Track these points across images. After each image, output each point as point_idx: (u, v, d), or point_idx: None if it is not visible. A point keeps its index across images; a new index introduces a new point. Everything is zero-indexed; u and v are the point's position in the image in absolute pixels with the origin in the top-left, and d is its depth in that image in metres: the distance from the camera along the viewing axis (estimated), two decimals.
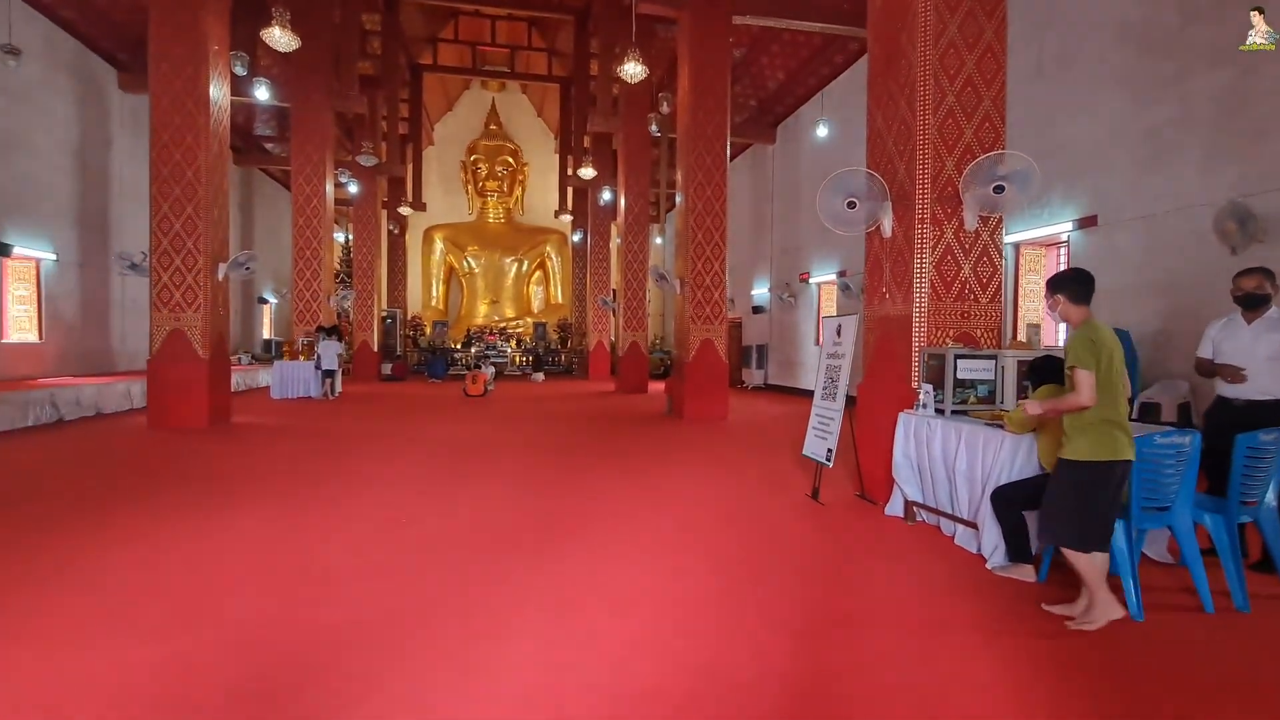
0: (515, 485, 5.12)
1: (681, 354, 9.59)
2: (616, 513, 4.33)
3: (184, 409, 8.03)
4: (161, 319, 8.04)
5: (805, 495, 4.84)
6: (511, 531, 3.89)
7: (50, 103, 11.01)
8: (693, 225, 9.44)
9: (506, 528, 3.97)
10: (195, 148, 8.06)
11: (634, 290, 14.71)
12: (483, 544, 3.63)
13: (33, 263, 10.76)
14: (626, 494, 4.86)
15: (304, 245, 13.39)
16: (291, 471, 5.60)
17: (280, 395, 12.14)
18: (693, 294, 9.46)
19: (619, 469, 5.82)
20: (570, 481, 5.30)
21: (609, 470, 5.76)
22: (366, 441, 7.31)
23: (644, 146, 14.62)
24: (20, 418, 7.87)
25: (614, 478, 5.43)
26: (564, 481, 5.30)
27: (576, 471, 5.70)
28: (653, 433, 8.31)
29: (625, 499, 4.71)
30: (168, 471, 5.54)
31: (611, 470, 5.75)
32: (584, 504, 4.56)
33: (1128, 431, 2.61)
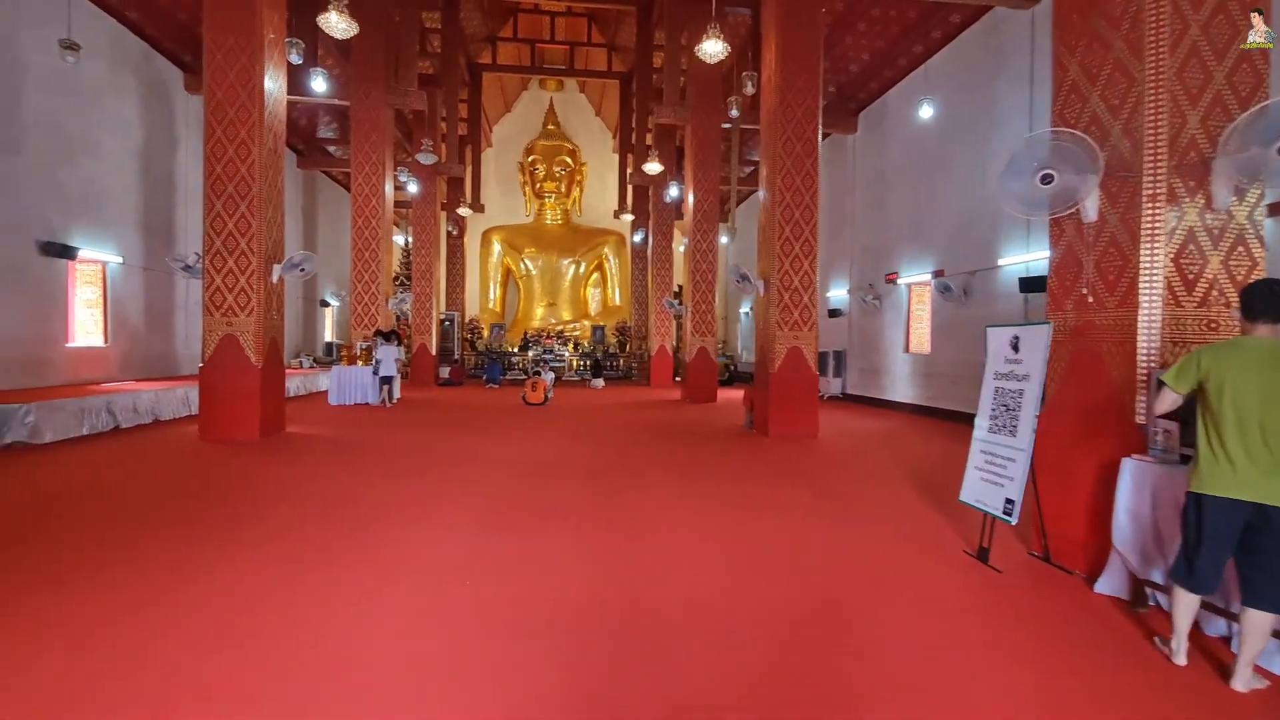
0: (590, 528, 4.25)
1: (765, 363, 8.58)
2: (730, 575, 3.40)
3: (235, 419, 7.55)
4: (214, 323, 7.59)
5: (964, 553, 3.79)
6: (593, 606, 3.00)
7: (116, 105, 10.91)
8: (779, 219, 8.42)
9: (583, 601, 3.09)
10: (249, 142, 7.58)
11: (702, 292, 13.76)
12: (550, 622, 2.76)
13: (99, 266, 10.65)
14: (736, 545, 3.92)
15: (363, 246, 13.01)
16: (335, 502, 4.89)
17: (338, 401, 11.74)
18: (779, 296, 8.43)
19: (715, 503, 4.87)
20: (658, 523, 4.39)
21: (703, 506, 4.82)
22: (422, 461, 6.61)
23: (714, 139, 13.66)
24: (75, 426, 7.56)
25: (712, 517, 4.49)
26: (650, 523, 4.39)
27: (664, 507, 4.79)
28: (739, 453, 7.33)
29: (736, 553, 3.76)
30: (200, 500, 4.92)
31: (707, 505, 4.82)
32: (683, 561, 3.64)
33: (1239, 467, 2.32)
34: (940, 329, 11.22)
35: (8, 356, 8.74)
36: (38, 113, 9.21)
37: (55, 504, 4.68)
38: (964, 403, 10.48)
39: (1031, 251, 8.97)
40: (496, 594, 3.10)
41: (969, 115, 10.44)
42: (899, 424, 10.38)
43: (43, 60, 9.17)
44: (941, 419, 10.86)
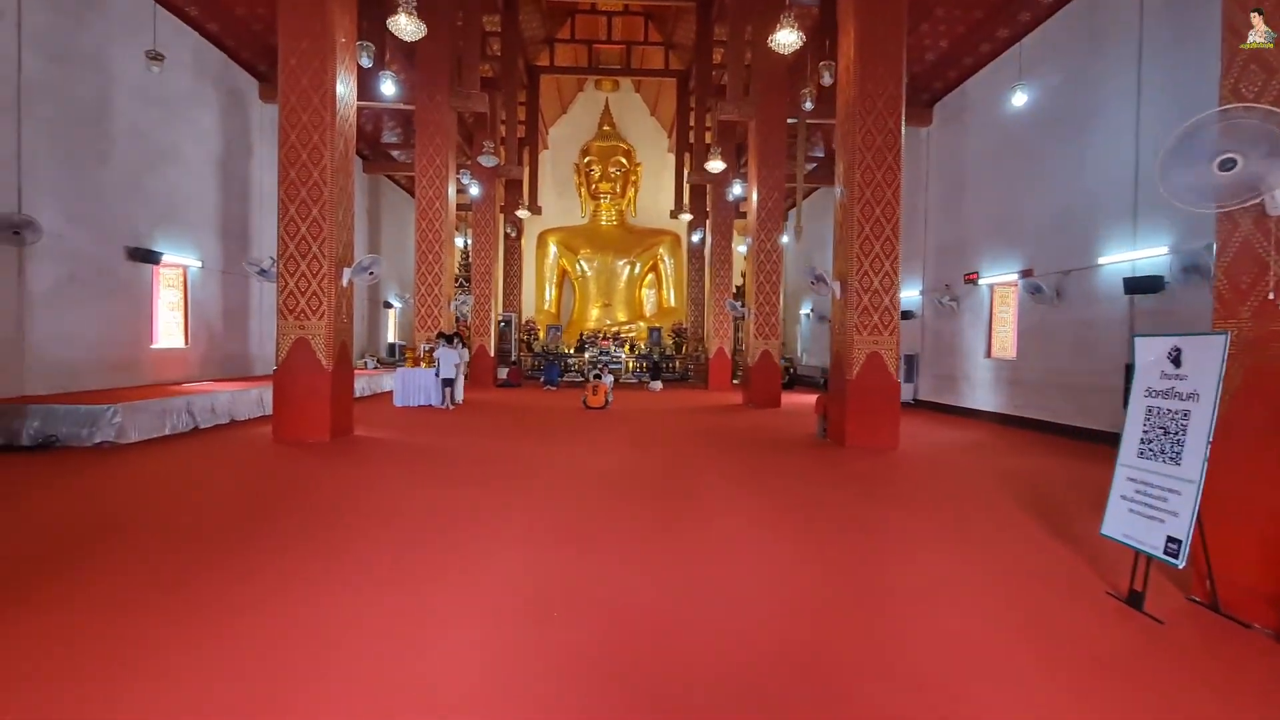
0: (666, 554, 3.94)
1: (842, 369, 8.10)
2: (825, 616, 3.03)
3: (306, 422, 7.61)
4: (286, 327, 7.67)
5: (1109, 595, 3.31)
6: (680, 653, 2.70)
7: (197, 114, 11.29)
8: (859, 217, 7.93)
9: (668, 649, 2.78)
10: (321, 146, 7.63)
11: (766, 293, 13.30)
12: (638, 668, 2.47)
13: (180, 270, 11.04)
14: (828, 579, 3.55)
15: (426, 249, 13.12)
16: (403, 514, 4.75)
17: (403, 403, 11.84)
18: (857, 299, 7.95)
19: (798, 524, 4.50)
20: (739, 549, 4.05)
21: (786, 528, 4.45)
22: (487, 469, 6.47)
23: (778, 135, 13.18)
24: (158, 426, 7.77)
25: (797, 541, 4.12)
26: (730, 548, 4.06)
27: (744, 529, 4.45)
28: (815, 466, 6.91)
29: (828, 589, 3.39)
30: (274, 509, 4.86)
31: (790, 527, 4.45)
32: (771, 597, 3.29)
33: None
34: (1028, 333, 10.44)
35: (99, 358, 9.11)
36: (125, 123, 9.58)
37: (134, 511, 4.70)
38: (1056, 413, 9.70)
39: (1139, 248, 8.18)
40: (573, 636, 2.83)
41: (1063, 102, 9.66)
42: (983, 435, 9.69)
43: (130, 72, 9.54)
44: (1030, 430, 10.09)
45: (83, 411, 7.04)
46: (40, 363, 8.13)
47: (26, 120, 7.95)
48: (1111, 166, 8.71)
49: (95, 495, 5.10)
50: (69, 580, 3.22)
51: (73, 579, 3.24)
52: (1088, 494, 5.64)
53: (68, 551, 3.65)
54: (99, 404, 7.14)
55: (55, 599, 3.00)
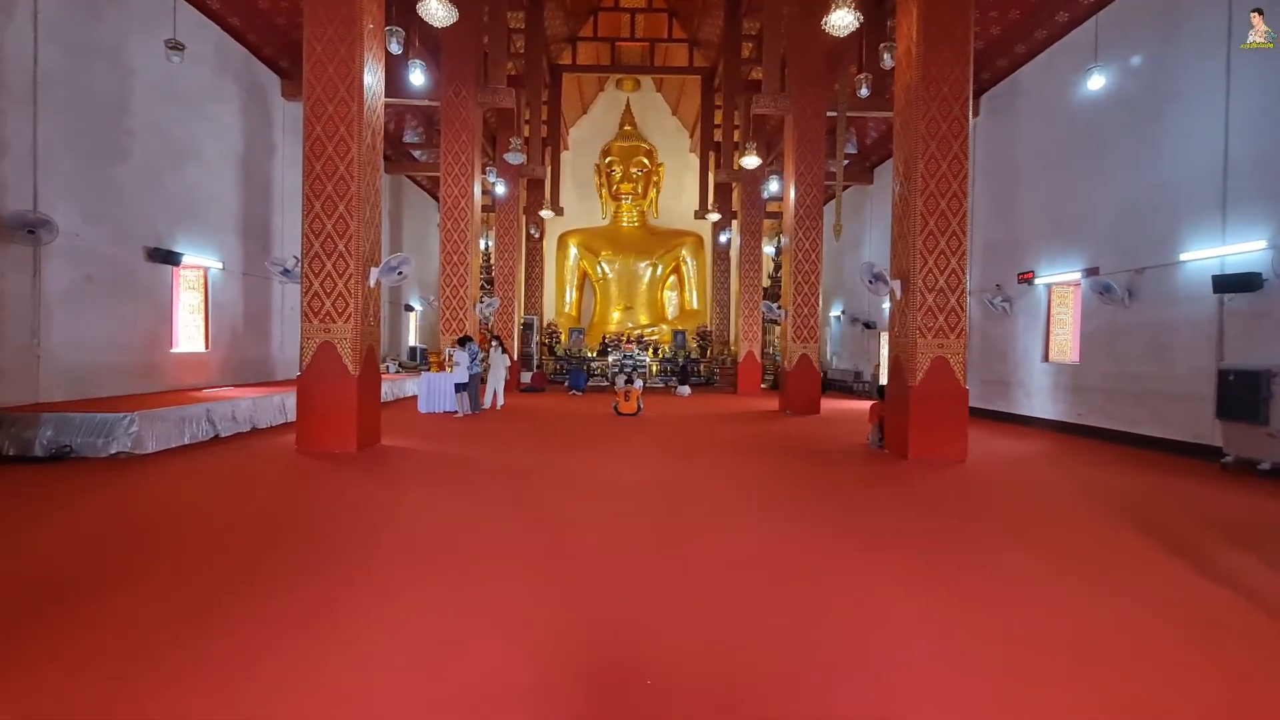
0: (750, 595, 3.39)
1: (903, 375, 7.51)
2: (965, 688, 2.47)
3: (332, 431, 7.17)
4: (312, 330, 7.23)
5: None
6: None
7: (218, 111, 10.96)
8: (921, 211, 7.34)
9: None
10: (348, 138, 7.19)
11: (805, 294, 12.71)
12: None
13: (201, 272, 10.69)
14: (947, 630, 2.98)
15: (451, 250, 12.70)
16: (439, 541, 4.25)
17: (427, 409, 11.41)
18: (921, 299, 7.35)
19: (888, 551, 3.93)
20: (844, 591, 3.48)
21: (876, 556, 3.89)
22: (526, 482, 5.96)
23: (817, 129, 12.60)
24: (177, 435, 7.36)
25: (896, 575, 3.55)
26: (834, 590, 3.49)
27: (827, 558, 3.89)
28: (886, 482, 6.32)
29: (951, 646, 2.83)
30: (300, 535, 4.38)
31: (879, 554, 3.88)
32: (913, 661, 2.73)
33: None
34: (1093, 336, 9.76)
35: (117, 363, 8.75)
36: (145, 119, 9.24)
37: (152, 536, 4.24)
38: (1128, 422, 9.01)
39: (1230, 243, 7.50)
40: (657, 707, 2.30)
41: (1135, 88, 8.99)
42: (1046, 445, 9.03)
43: (150, 66, 9.20)
44: (1096, 439, 9.40)
45: (98, 420, 6.65)
46: (56, 368, 7.77)
47: (43, 114, 7.60)
48: (1195, 155, 8.03)
49: (110, 515, 4.66)
50: (75, 617, 2.75)
51: (78, 618, 2.77)
52: (1206, 518, 5.01)
53: (76, 583, 3.19)
54: (115, 412, 6.74)
55: (61, 639, 2.52)
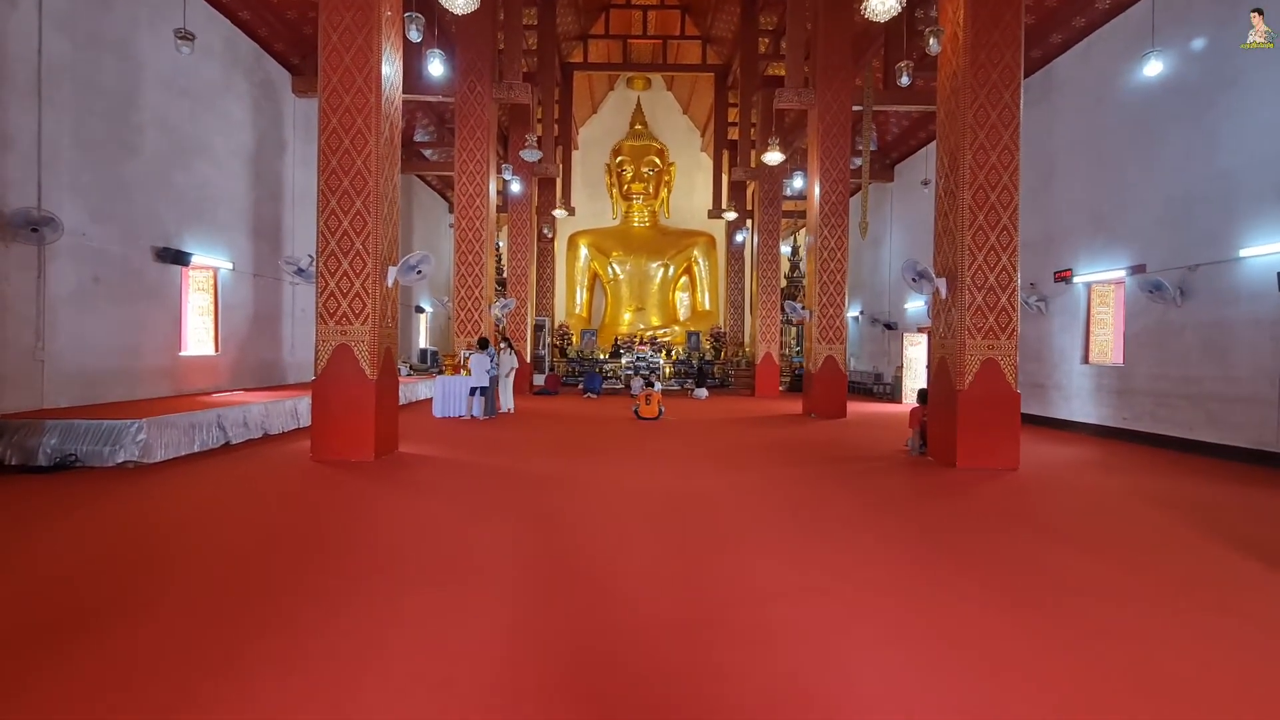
0: (817, 630, 3.00)
1: (948, 378, 7.10)
2: None
3: (349, 438, 6.81)
4: (327, 332, 6.88)
5: None
6: None
7: (229, 107, 10.65)
8: (970, 204, 6.94)
9: None
10: (365, 131, 6.85)
11: (830, 294, 12.31)
12: None
13: (210, 272, 10.38)
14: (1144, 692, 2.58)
15: (466, 249, 12.35)
16: (468, 563, 3.88)
17: (442, 413, 11.06)
18: (970, 298, 6.95)
19: (986, 579, 3.53)
20: (929, 625, 3.09)
21: (968, 583, 3.49)
22: (552, 492, 5.58)
23: (843, 123, 12.21)
24: (186, 443, 7.02)
25: (1005, 605, 3.16)
26: (919, 626, 3.10)
27: (918, 589, 3.49)
28: (940, 493, 5.92)
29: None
30: (320, 554, 4.02)
31: (967, 582, 3.49)
32: None
33: None
34: (1139, 336, 9.32)
35: (125, 367, 8.43)
36: (153, 114, 8.93)
37: (159, 555, 3.88)
38: (1181, 426, 8.57)
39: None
40: None
41: (1187, 76, 8.57)
42: (1097, 451, 8.60)
43: (159, 60, 8.89)
44: (1149, 445, 8.95)
45: (104, 427, 6.31)
46: (61, 373, 7.45)
47: (48, 108, 7.28)
48: (1256, 144, 7.60)
49: (113, 532, 4.31)
50: (64, 656, 2.39)
51: (65, 658, 2.41)
52: None
53: (69, 615, 2.82)
54: (122, 419, 6.40)
55: (62, 670, 2.16)
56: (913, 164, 16.86)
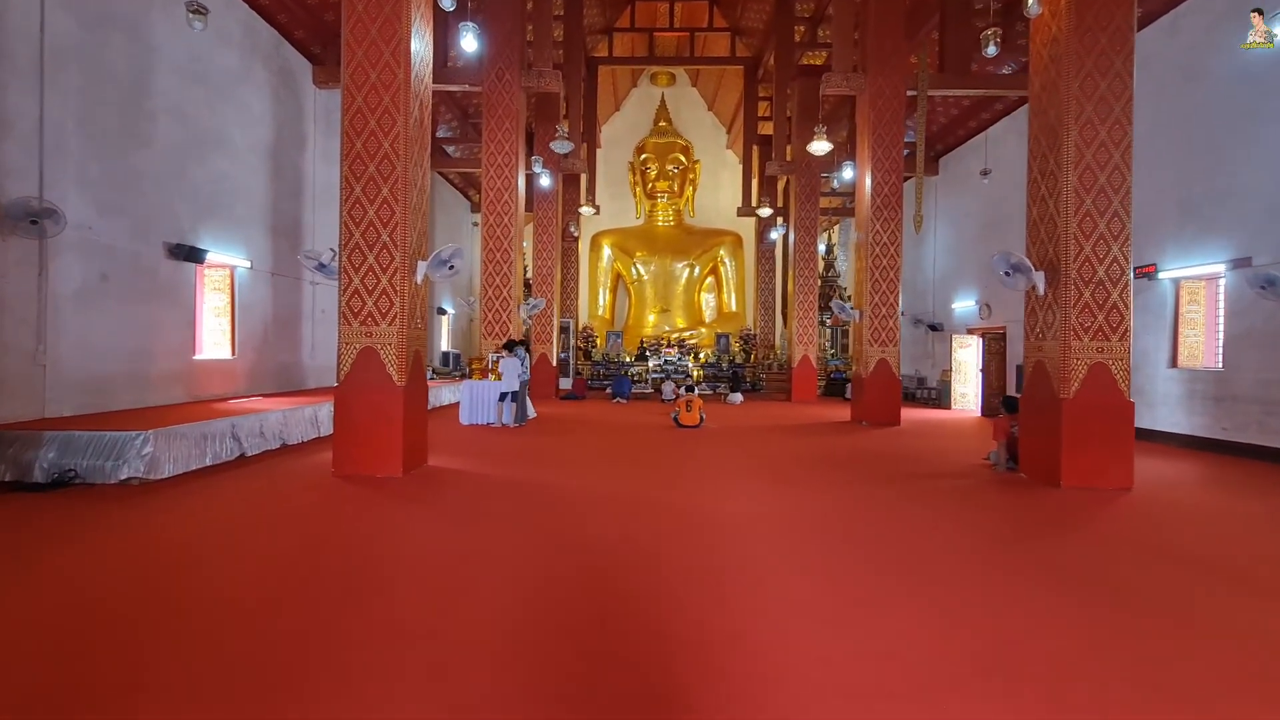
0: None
1: (1048, 384, 6.26)
2: None
3: (375, 451, 6.12)
4: (351, 334, 6.20)
5: None
6: None
7: (247, 97, 10.07)
8: (1077, 186, 6.10)
9: None
10: (393, 111, 6.17)
11: (883, 292, 11.47)
12: None
13: (227, 271, 9.80)
14: None
15: (494, 246, 11.68)
16: (526, 612, 3.14)
17: (470, 420, 10.38)
18: (1075, 294, 6.10)
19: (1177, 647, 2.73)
20: None
21: (1166, 661, 2.69)
22: (605, 517, 4.84)
23: (895, 109, 11.39)
24: (198, 456, 6.38)
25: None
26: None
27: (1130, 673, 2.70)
28: (1053, 521, 5.09)
29: None
30: (349, 588, 3.31)
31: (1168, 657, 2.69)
32: None
33: None
34: (1244, 338, 8.37)
35: (134, 372, 7.83)
36: (166, 102, 8.35)
37: (158, 596, 3.19)
38: None
39: None
40: None
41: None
42: (1203, 467, 7.67)
43: (172, 44, 8.32)
44: (1260, 460, 7.99)
45: (107, 439, 5.68)
46: (64, 379, 6.85)
47: (51, 91, 6.70)
48: None
49: (108, 563, 3.63)
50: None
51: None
52: None
53: (64, 656, 2.13)
54: (127, 430, 5.77)
55: None
56: (959, 156, 15.95)
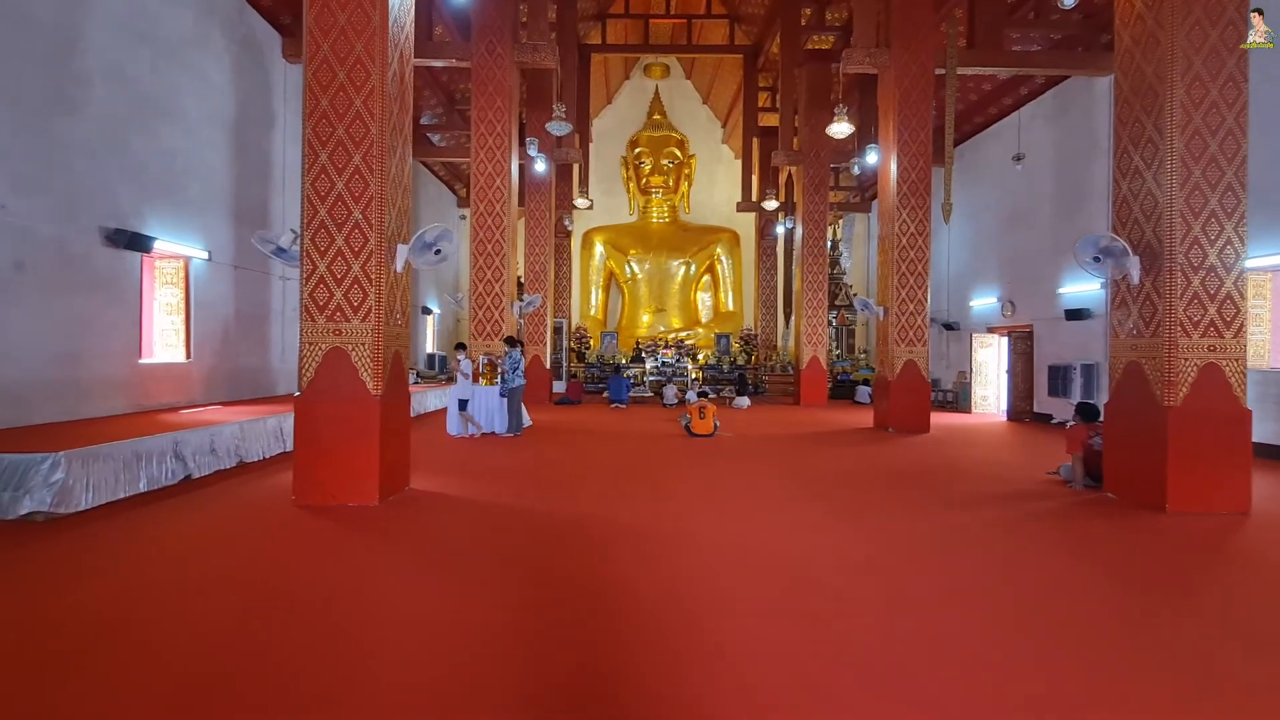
0: None
1: (1147, 389, 5.31)
2: None
3: (345, 476, 5.02)
4: (316, 332, 5.10)
5: None
6: None
7: (203, 64, 8.89)
8: (1183, 155, 5.15)
9: None
10: (367, 61, 5.09)
11: (910, 288, 10.54)
12: None
13: (180, 262, 8.61)
14: None
15: (485, 238, 10.57)
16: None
17: (458, 431, 9.27)
18: (1182, 281, 5.16)
19: None
20: None
21: None
22: (633, 558, 3.79)
23: (923, 89, 10.48)
24: (129, 481, 5.23)
25: None
26: None
27: None
28: (1187, 559, 4.13)
29: None
30: (297, 684, 2.23)
31: None
32: None
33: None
34: None
35: (62, 379, 6.65)
36: (104, 61, 7.18)
37: (40, 691, 2.09)
38: None
39: None
40: None
41: None
42: None
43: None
44: None
45: (5, 464, 4.53)
46: None
47: None
48: None
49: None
50: None
51: None
52: None
53: None
54: (33, 451, 4.62)
55: None
56: (977, 145, 15.10)
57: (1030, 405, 12.71)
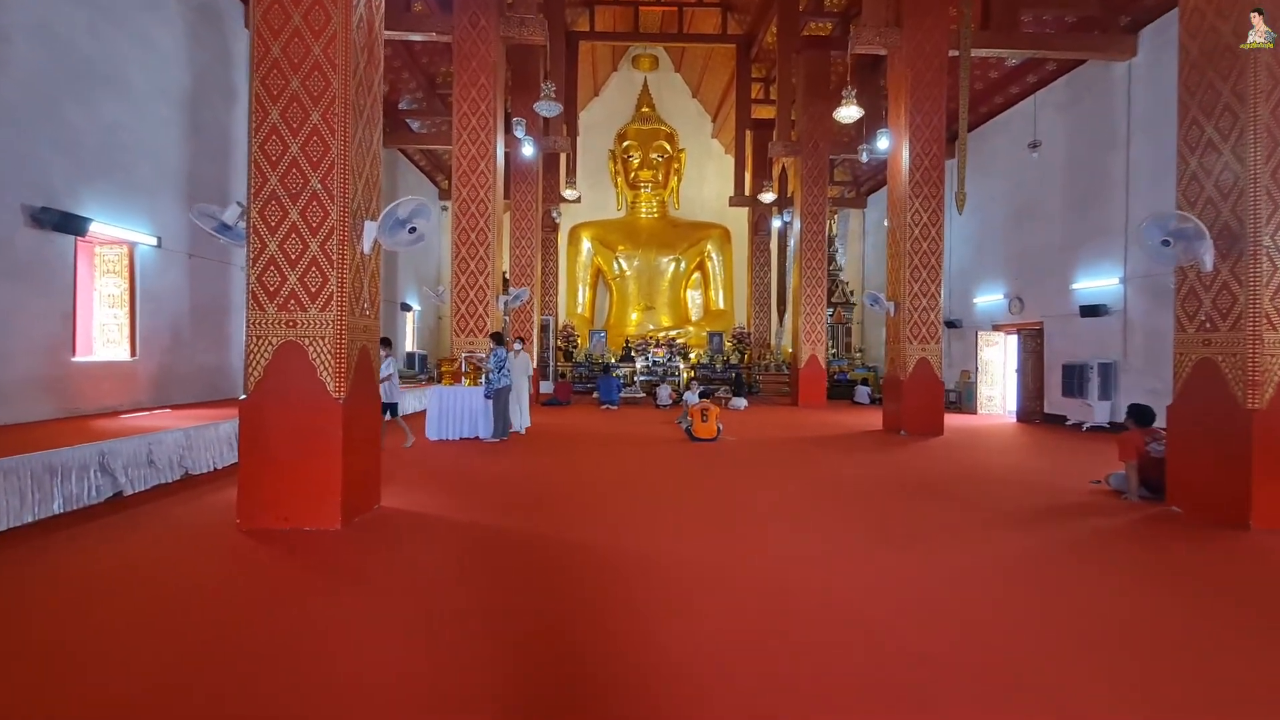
0: None
1: (1227, 390, 4.68)
2: None
3: (301, 495, 4.21)
4: (265, 322, 4.28)
5: None
6: None
7: (152, 30, 7.99)
8: (1270, 123, 4.53)
9: None
10: (328, 4, 4.28)
11: (923, 282, 9.95)
12: None
13: (124, 248, 7.70)
14: None
15: (468, 226, 9.74)
16: None
17: (439, 436, 8.46)
18: (1268, 268, 4.53)
19: None
20: None
21: None
22: (657, 600, 3.05)
23: (935, 71, 9.90)
24: (41, 500, 4.38)
25: None
26: None
27: None
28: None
29: None
30: None
31: None
32: None
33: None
34: None
35: None
36: (29, 18, 6.27)
37: None
38: None
39: None
40: None
41: None
42: None
43: None
44: None
45: None
46: None
47: None
48: None
49: None
50: None
51: None
52: None
53: None
54: None
55: None
56: (982, 134, 14.54)
57: (1041, 406, 12.18)
